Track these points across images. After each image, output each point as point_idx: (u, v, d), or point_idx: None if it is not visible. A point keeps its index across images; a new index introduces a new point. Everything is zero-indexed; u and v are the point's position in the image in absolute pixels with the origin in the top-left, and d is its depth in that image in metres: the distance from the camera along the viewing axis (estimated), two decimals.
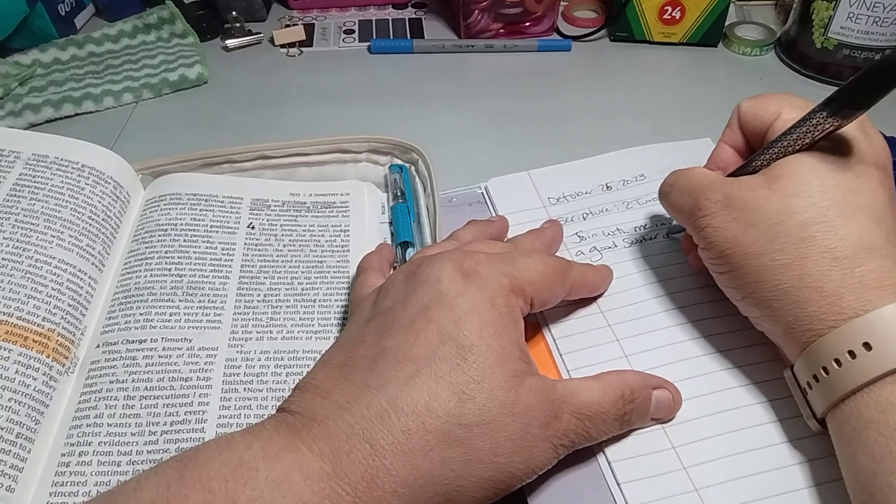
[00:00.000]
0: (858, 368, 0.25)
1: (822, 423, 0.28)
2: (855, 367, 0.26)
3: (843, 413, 0.26)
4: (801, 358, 0.28)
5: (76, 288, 0.36)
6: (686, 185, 0.33)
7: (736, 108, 0.34)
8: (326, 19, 0.68)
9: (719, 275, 0.31)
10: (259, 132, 0.53)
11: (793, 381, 0.29)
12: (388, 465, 0.24)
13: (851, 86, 0.27)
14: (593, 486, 0.29)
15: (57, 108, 0.54)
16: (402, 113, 0.55)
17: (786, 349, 0.30)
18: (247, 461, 0.24)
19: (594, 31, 0.63)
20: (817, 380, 0.27)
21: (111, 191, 0.41)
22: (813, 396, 0.28)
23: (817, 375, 0.27)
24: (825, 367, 0.27)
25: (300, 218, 0.43)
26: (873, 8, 0.52)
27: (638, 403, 0.30)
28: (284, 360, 0.35)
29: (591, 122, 0.54)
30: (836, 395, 0.26)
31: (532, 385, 0.27)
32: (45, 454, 0.31)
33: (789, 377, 0.30)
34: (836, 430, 0.27)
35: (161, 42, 0.63)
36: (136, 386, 0.33)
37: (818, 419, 0.28)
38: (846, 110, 0.27)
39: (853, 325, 0.26)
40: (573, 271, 0.34)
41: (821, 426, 0.28)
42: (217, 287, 0.38)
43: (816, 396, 0.28)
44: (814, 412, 0.28)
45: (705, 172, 0.33)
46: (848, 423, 0.26)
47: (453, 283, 0.29)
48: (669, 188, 0.34)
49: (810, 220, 0.28)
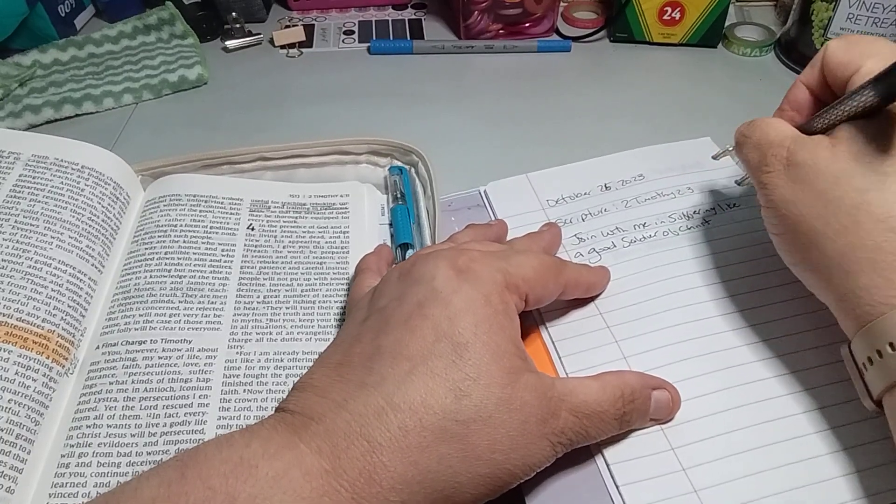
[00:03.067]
0: None
1: (879, 405, 0.27)
2: None
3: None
4: (858, 336, 0.27)
5: (76, 289, 0.36)
6: (758, 139, 0.31)
7: (823, 48, 0.32)
8: (326, 20, 0.69)
9: (774, 235, 0.31)
10: (259, 133, 0.53)
11: (849, 358, 0.28)
12: (386, 461, 0.24)
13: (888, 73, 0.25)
14: (592, 489, 0.29)
15: (57, 109, 0.54)
16: (402, 114, 0.55)
17: (841, 322, 0.28)
18: (246, 459, 0.24)
19: (594, 32, 0.64)
20: (872, 361, 0.26)
21: (111, 192, 0.41)
22: (870, 376, 0.27)
23: (872, 358, 0.26)
24: (879, 350, 0.26)
25: (300, 219, 0.43)
26: (873, 8, 0.52)
27: (637, 404, 0.30)
28: (284, 362, 0.35)
29: (590, 123, 0.54)
30: (893, 378, 0.25)
31: (529, 381, 0.27)
32: (44, 455, 0.31)
33: (846, 354, 0.28)
34: (892, 411, 0.26)
35: (161, 43, 0.63)
36: (135, 387, 0.33)
37: (874, 400, 0.27)
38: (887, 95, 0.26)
39: None
40: (568, 269, 0.34)
41: (876, 407, 0.27)
42: (217, 288, 0.38)
43: (873, 376, 0.26)
44: (870, 392, 0.27)
45: (778, 127, 0.31)
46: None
47: (448, 280, 0.29)
48: (744, 140, 0.33)
49: (868, 185, 0.27)
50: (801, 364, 0.32)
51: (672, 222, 0.40)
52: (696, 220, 0.40)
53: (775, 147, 0.30)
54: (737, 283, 0.36)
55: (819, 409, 0.31)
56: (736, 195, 0.42)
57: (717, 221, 0.40)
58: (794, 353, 0.33)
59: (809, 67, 0.33)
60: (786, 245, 0.30)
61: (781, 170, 0.30)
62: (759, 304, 0.35)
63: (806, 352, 0.33)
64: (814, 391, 0.31)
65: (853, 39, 0.31)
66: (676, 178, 0.43)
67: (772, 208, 0.30)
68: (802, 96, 0.33)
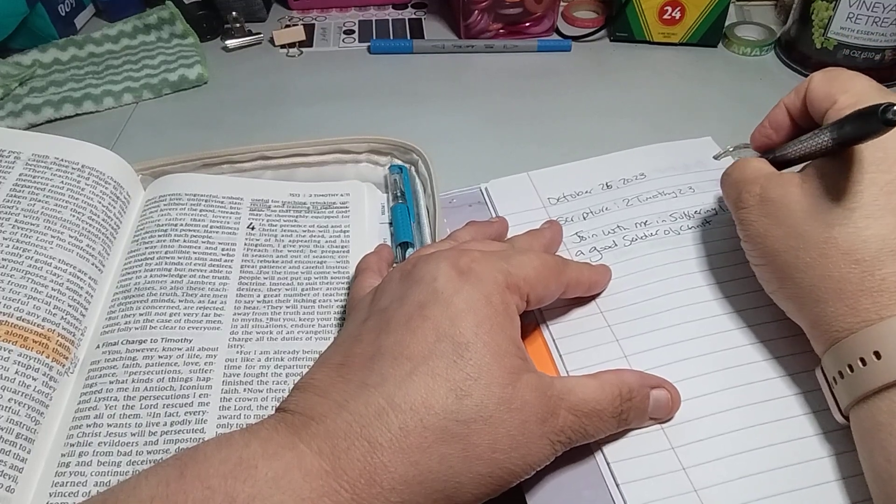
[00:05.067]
0: (868, 376, 0.26)
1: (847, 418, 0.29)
2: (865, 373, 0.26)
3: (859, 414, 0.27)
4: (824, 357, 0.29)
5: (76, 288, 0.36)
6: (736, 178, 0.33)
7: (809, 78, 0.33)
8: (326, 20, 0.69)
9: (754, 267, 0.33)
10: (259, 132, 0.53)
11: (821, 375, 0.30)
12: (387, 462, 0.24)
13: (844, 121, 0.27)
14: (592, 487, 0.29)
15: (57, 108, 0.54)
16: (402, 113, 0.55)
17: (813, 344, 0.30)
18: (246, 459, 0.24)
19: (594, 32, 0.64)
20: (839, 378, 0.28)
21: (111, 191, 0.41)
22: (838, 391, 0.28)
23: (840, 374, 0.28)
24: (840, 370, 0.27)
25: (300, 218, 0.43)
26: (873, 8, 0.52)
27: (635, 402, 0.30)
28: (284, 361, 0.35)
29: (590, 123, 0.54)
30: (853, 396, 0.27)
31: (529, 381, 0.27)
32: (44, 454, 0.31)
33: (819, 374, 0.30)
34: (854, 428, 0.28)
35: (161, 42, 0.63)
36: (135, 386, 0.33)
37: (843, 414, 0.28)
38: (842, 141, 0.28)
39: (865, 333, 0.26)
40: (569, 268, 0.34)
41: (846, 420, 0.29)
42: (217, 287, 0.38)
43: (841, 392, 0.28)
44: (840, 407, 0.28)
45: (755, 165, 0.33)
46: (863, 425, 0.27)
47: (449, 280, 0.29)
48: (725, 178, 0.35)
49: (834, 220, 0.28)
50: (803, 365, 0.32)
51: (673, 221, 0.40)
52: (697, 220, 0.40)
53: (749, 184, 0.32)
54: (737, 283, 0.36)
55: (820, 411, 0.31)
56: None
57: (719, 221, 0.40)
58: (796, 354, 0.33)
59: (794, 93, 0.34)
60: (765, 275, 0.32)
61: (755, 205, 0.31)
62: (759, 304, 0.35)
63: (807, 353, 0.32)
64: (815, 393, 0.31)
65: (834, 73, 0.32)
66: (678, 177, 0.43)
67: (749, 242, 0.32)
68: (782, 118, 0.35)
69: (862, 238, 0.27)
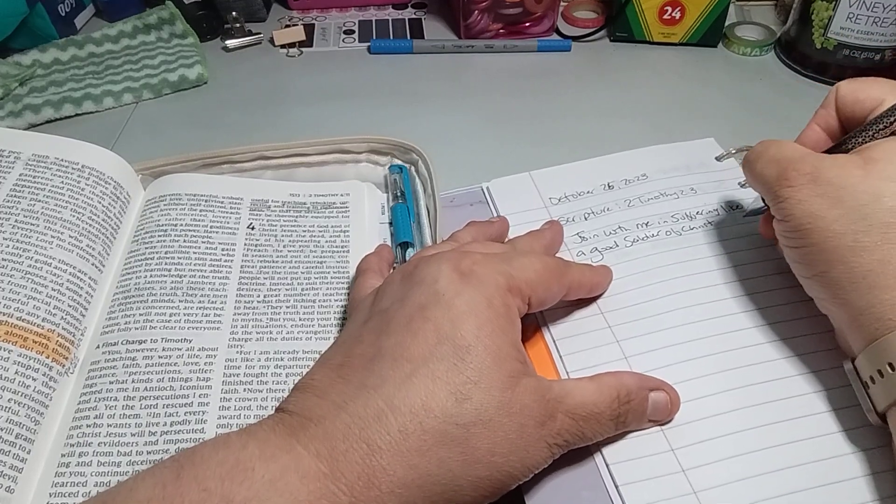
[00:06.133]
0: None
1: (883, 418, 0.28)
2: None
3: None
4: (865, 351, 0.28)
5: (76, 288, 0.36)
6: (775, 155, 0.32)
7: (834, 88, 0.33)
8: (326, 20, 0.68)
9: (791, 249, 0.31)
10: (259, 132, 0.53)
11: (853, 373, 0.29)
12: (386, 464, 0.24)
13: None
14: (591, 488, 0.29)
15: (57, 108, 0.54)
16: (402, 113, 0.55)
17: (850, 337, 0.29)
18: (243, 461, 0.24)
19: (594, 32, 0.63)
20: (878, 377, 0.27)
21: (111, 191, 0.41)
22: (875, 391, 0.27)
23: (879, 372, 0.27)
24: (880, 369, 0.26)
25: (300, 218, 0.43)
26: (873, 8, 0.52)
27: (634, 405, 0.29)
28: (284, 361, 0.35)
29: (591, 123, 0.54)
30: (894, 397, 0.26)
31: (528, 385, 0.27)
32: (44, 455, 0.31)
33: (850, 370, 0.29)
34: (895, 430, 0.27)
35: (161, 42, 0.63)
36: (135, 386, 0.33)
37: (879, 413, 0.28)
38: None
39: None
40: (571, 271, 0.34)
41: (881, 420, 0.28)
42: (217, 287, 0.38)
43: (879, 392, 0.27)
44: (875, 406, 0.28)
45: (796, 146, 0.32)
46: None
47: (450, 283, 0.29)
48: (756, 156, 0.33)
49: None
50: (805, 367, 0.32)
51: (675, 222, 0.40)
52: (699, 221, 0.40)
53: (797, 162, 0.30)
54: (739, 285, 0.36)
55: (821, 414, 0.30)
56: (739, 197, 0.41)
57: (721, 223, 0.40)
58: (797, 356, 0.33)
59: (822, 108, 0.34)
60: (805, 258, 0.30)
61: (805, 184, 0.30)
62: (761, 305, 0.35)
63: (809, 355, 0.33)
64: (816, 395, 0.31)
65: (866, 80, 0.32)
66: (680, 178, 0.43)
67: (791, 222, 0.30)
68: (816, 136, 0.34)
69: None
